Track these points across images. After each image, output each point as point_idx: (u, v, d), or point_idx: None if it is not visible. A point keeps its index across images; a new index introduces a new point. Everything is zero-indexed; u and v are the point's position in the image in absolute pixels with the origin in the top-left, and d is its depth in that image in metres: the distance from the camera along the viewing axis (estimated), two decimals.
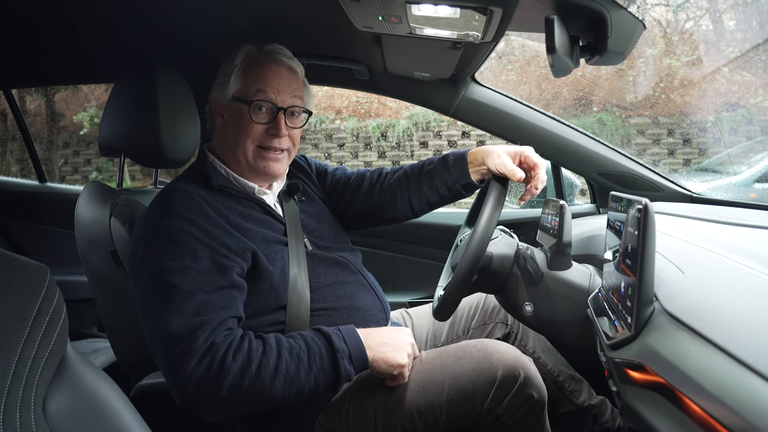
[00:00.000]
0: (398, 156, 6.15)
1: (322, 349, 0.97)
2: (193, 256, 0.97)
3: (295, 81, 1.16)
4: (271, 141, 1.12)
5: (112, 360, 1.67)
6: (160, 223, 1.00)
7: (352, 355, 0.98)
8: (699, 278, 0.81)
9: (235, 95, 1.12)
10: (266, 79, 1.11)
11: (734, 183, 3.10)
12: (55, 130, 6.65)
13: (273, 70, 1.13)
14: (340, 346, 0.97)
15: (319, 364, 0.95)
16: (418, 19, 1.08)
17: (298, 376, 0.94)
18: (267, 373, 0.92)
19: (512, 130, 1.69)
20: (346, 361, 0.97)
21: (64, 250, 1.83)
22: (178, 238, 0.98)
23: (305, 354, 0.95)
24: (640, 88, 5.76)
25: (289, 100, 1.13)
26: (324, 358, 0.96)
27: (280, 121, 1.12)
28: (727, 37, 5.67)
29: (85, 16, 1.36)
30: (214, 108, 1.17)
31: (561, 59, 0.94)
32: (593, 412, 1.29)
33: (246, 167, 1.14)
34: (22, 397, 0.62)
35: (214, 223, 1.02)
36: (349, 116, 6.24)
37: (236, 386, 0.90)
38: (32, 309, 0.66)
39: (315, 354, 0.96)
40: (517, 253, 1.13)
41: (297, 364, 0.94)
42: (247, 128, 1.11)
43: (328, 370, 0.96)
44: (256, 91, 1.10)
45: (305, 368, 0.94)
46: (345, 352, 0.97)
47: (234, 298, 0.99)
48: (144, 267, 0.99)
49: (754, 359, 0.54)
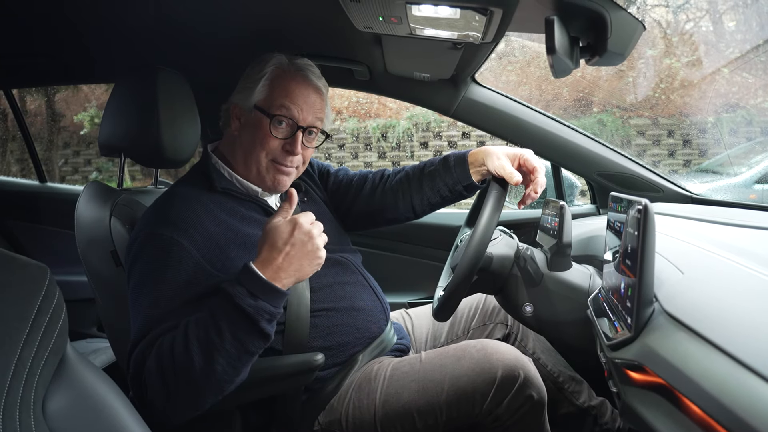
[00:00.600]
0: (398, 156, 6.15)
1: (221, 301, 0.89)
2: (176, 268, 0.97)
3: (320, 102, 1.15)
4: (285, 157, 1.12)
5: (112, 360, 1.67)
6: (153, 230, 1.01)
7: (251, 291, 0.88)
8: (699, 279, 0.81)
9: (258, 104, 1.11)
10: (292, 96, 1.11)
11: (734, 184, 3.10)
12: (55, 130, 6.65)
13: (301, 87, 1.12)
14: (234, 291, 0.88)
15: (224, 319, 0.87)
16: (418, 19, 1.08)
17: (211, 341, 0.86)
18: (180, 356, 0.87)
19: (512, 131, 1.69)
20: (248, 299, 0.87)
21: (64, 250, 1.83)
22: (167, 248, 0.98)
23: (209, 317, 0.89)
24: (640, 89, 5.77)
25: (310, 120, 1.13)
26: (226, 309, 0.88)
27: (297, 139, 1.11)
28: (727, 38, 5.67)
29: (85, 16, 1.36)
30: (232, 110, 1.16)
31: (561, 60, 0.94)
32: (593, 413, 1.29)
33: (256, 176, 1.14)
34: (21, 397, 0.62)
35: (208, 236, 1.02)
36: (350, 117, 6.25)
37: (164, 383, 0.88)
38: (32, 309, 0.66)
39: (216, 310, 0.89)
40: (517, 253, 1.13)
41: (206, 331, 0.87)
42: (264, 140, 1.10)
43: (234, 317, 0.87)
44: (281, 105, 1.10)
45: (214, 330, 0.87)
46: (241, 292, 0.88)
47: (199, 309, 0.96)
48: (132, 270, 1.01)
49: (754, 360, 0.54)
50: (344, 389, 1.10)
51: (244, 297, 0.88)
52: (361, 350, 1.15)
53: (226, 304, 0.88)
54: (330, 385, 1.09)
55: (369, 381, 1.09)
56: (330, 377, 1.10)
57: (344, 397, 1.08)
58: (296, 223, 0.91)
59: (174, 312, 0.94)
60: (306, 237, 0.91)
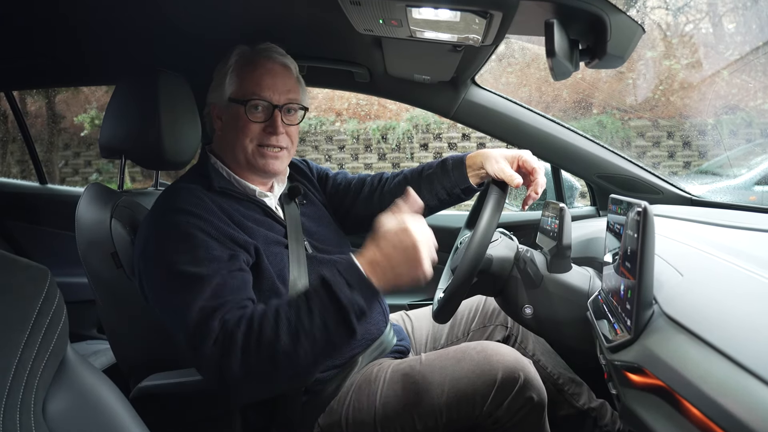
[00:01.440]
0: (398, 158, 6.16)
1: (318, 286, 0.90)
2: (204, 246, 0.97)
3: (289, 78, 1.17)
4: (269, 139, 1.13)
5: (112, 362, 1.67)
6: (168, 219, 1.01)
7: (349, 281, 0.89)
8: (698, 281, 0.81)
9: (232, 96, 1.13)
10: (260, 78, 1.12)
11: (734, 186, 3.10)
12: (55, 131, 6.66)
13: (267, 68, 1.14)
14: (333, 279, 0.89)
15: (318, 304, 0.88)
16: (418, 22, 1.08)
17: (301, 322, 0.88)
18: (268, 329, 0.87)
19: (512, 133, 1.69)
20: (346, 289, 0.88)
21: (64, 252, 1.83)
22: (186, 232, 0.98)
23: (303, 299, 0.90)
24: (640, 91, 5.78)
25: (284, 98, 1.14)
26: (321, 295, 0.89)
27: (277, 119, 1.12)
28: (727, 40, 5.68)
29: (87, 18, 1.36)
30: (212, 111, 1.19)
31: (561, 63, 0.94)
32: (593, 415, 1.29)
33: (246, 166, 1.15)
34: (22, 398, 0.62)
35: (219, 218, 1.03)
36: (350, 118, 6.25)
37: (245, 353, 0.87)
38: (33, 311, 0.66)
39: (312, 293, 0.90)
40: (516, 255, 1.13)
41: (297, 311, 0.89)
42: (245, 128, 1.12)
43: (328, 304, 0.88)
44: (252, 91, 1.11)
45: (306, 312, 0.88)
46: (340, 281, 0.89)
47: (246, 282, 0.99)
48: (158, 264, 0.99)
49: (754, 363, 0.54)
50: (344, 391, 1.10)
51: (342, 286, 0.88)
52: (361, 352, 1.15)
53: (322, 289, 0.89)
54: (330, 386, 1.09)
55: (369, 383, 1.09)
56: (330, 379, 1.10)
57: (344, 399, 1.08)
58: (405, 228, 0.90)
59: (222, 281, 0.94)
60: (410, 244, 0.88)
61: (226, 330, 0.88)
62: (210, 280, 0.93)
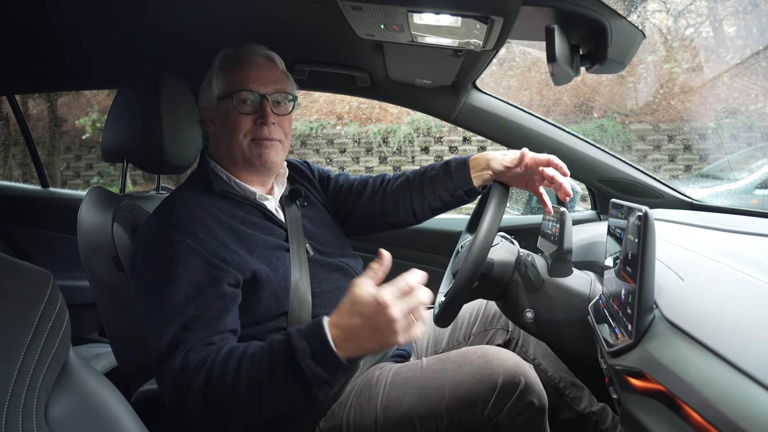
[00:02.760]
0: (399, 161, 6.17)
1: (283, 349, 0.86)
2: (186, 268, 0.97)
3: (274, 68, 1.18)
4: (261, 130, 1.13)
5: (113, 365, 1.67)
6: (157, 234, 1.02)
7: (314, 351, 0.84)
8: (699, 286, 0.81)
9: (220, 94, 1.14)
10: (245, 72, 1.13)
11: (735, 189, 3.11)
12: (57, 134, 6.68)
13: (250, 61, 1.15)
14: (299, 345, 0.84)
15: (280, 370, 0.85)
16: (419, 27, 1.08)
17: (261, 382, 0.86)
18: (228, 384, 0.87)
19: (513, 137, 1.69)
20: (310, 362, 0.83)
21: (65, 255, 1.84)
22: (173, 250, 0.98)
23: (267, 359, 0.87)
24: (640, 95, 5.78)
25: (271, 88, 1.14)
26: (285, 358, 0.85)
27: (266, 108, 1.12)
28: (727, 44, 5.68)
29: (89, 22, 1.37)
30: (205, 115, 1.19)
31: (561, 68, 0.95)
32: (594, 419, 1.29)
33: (242, 162, 1.15)
34: (24, 402, 0.62)
35: (212, 233, 1.03)
36: (351, 121, 6.26)
37: (204, 399, 0.89)
38: (35, 314, 0.66)
39: (276, 354, 0.86)
40: (518, 259, 1.14)
41: (258, 371, 0.86)
42: (237, 122, 1.12)
43: (291, 371, 0.84)
44: (238, 86, 1.12)
45: (267, 375, 0.86)
46: (305, 350, 0.84)
47: (225, 311, 0.98)
48: (140, 279, 1.01)
49: (754, 368, 0.54)
50: (345, 395, 1.10)
51: (306, 358, 0.84)
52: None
53: (287, 355, 0.85)
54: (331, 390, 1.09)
55: (370, 387, 1.09)
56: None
57: (345, 403, 1.08)
58: (380, 303, 0.81)
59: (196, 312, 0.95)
60: (384, 321, 0.81)
61: (185, 373, 0.89)
62: (184, 310, 0.94)
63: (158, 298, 0.96)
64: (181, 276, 0.97)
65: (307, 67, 1.61)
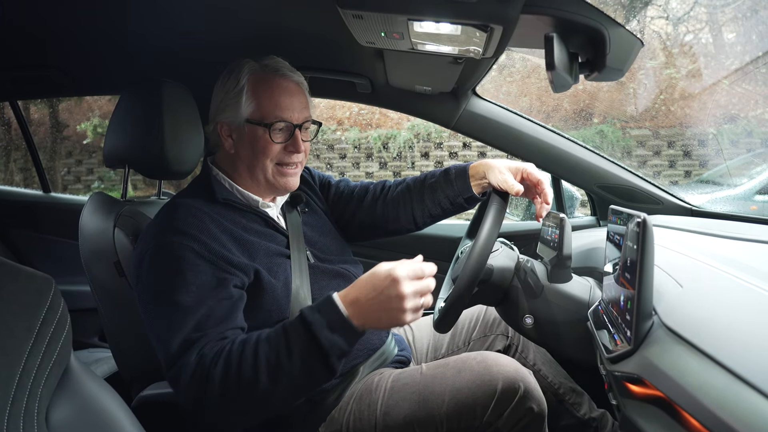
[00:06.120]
0: (399, 167, 6.18)
1: (298, 326, 0.90)
2: (194, 271, 0.98)
3: (304, 96, 1.17)
4: (290, 157, 1.14)
5: (114, 370, 1.67)
6: (162, 239, 1.02)
7: (330, 322, 0.89)
8: (698, 293, 0.82)
9: (250, 118, 1.11)
10: (281, 100, 1.12)
11: (734, 195, 3.11)
12: (58, 139, 6.69)
13: (283, 88, 1.13)
14: (312, 318, 0.89)
15: (298, 344, 0.89)
16: (419, 35, 1.09)
17: (280, 362, 0.88)
18: (248, 370, 0.88)
19: (513, 144, 1.70)
20: (325, 330, 0.88)
21: (66, 260, 1.84)
22: (179, 254, 0.99)
23: (282, 338, 0.90)
24: (640, 101, 5.80)
25: (302, 116, 1.15)
26: (300, 335, 0.89)
27: (298, 138, 1.13)
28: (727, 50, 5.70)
29: (90, 28, 1.38)
30: (220, 129, 1.15)
31: (560, 75, 0.95)
32: (594, 425, 1.29)
33: (264, 185, 1.16)
34: (25, 407, 0.62)
35: (215, 238, 1.03)
36: (351, 127, 6.28)
37: (224, 393, 0.89)
38: (37, 320, 0.66)
39: (291, 333, 0.90)
40: (517, 265, 1.14)
41: (276, 351, 0.89)
42: (266, 149, 1.12)
43: (308, 345, 0.88)
44: (274, 114, 1.11)
45: (285, 353, 0.89)
46: (320, 322, 0.89)
47: (234, 309, 0.99)
48: (147, 284, 1.00)
49: (753, 375, 0.54)
50: (345, 400, 1.10)
51: (322, 328, 0.88)
52: (362, 362, 1.15)
53: (302, 330, 0.89)
54: (331, 396, 1.10)
55: (370, 392, 1.09)
56: (331, 388, 1.10)
57: (345, 409, 1.09)
58: (394, 278, 0.88)
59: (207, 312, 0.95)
60: (395, 294, 0.87)
61: (203, 365, 0.90)
62: (195, 310, 0.94)
63: (167, 302, 0.96)
64: (190, 279, 0.97)
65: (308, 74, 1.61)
